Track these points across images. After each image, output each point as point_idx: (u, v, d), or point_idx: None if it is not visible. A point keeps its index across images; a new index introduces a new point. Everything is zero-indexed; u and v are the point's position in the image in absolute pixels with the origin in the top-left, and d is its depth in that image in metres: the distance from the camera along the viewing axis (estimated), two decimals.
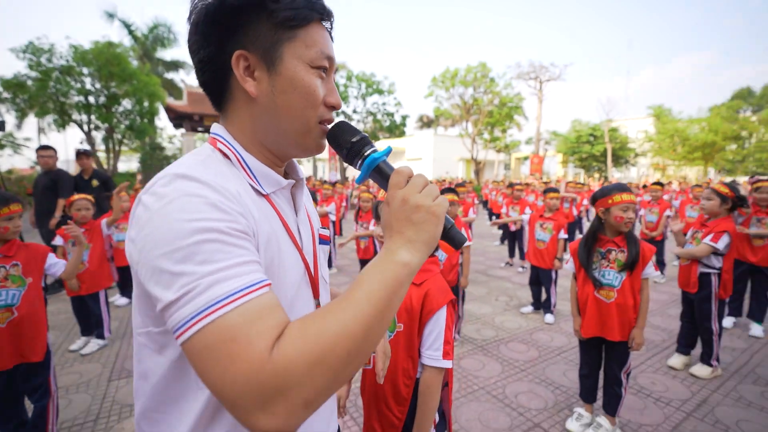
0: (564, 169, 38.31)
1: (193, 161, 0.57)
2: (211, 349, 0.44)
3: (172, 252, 0.47)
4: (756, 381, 2.97)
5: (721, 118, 29.83)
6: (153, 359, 0.59)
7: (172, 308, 0.46)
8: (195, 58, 0.62)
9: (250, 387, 0.42)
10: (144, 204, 0.52)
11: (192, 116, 22.91)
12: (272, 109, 0.60)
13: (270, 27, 0.58)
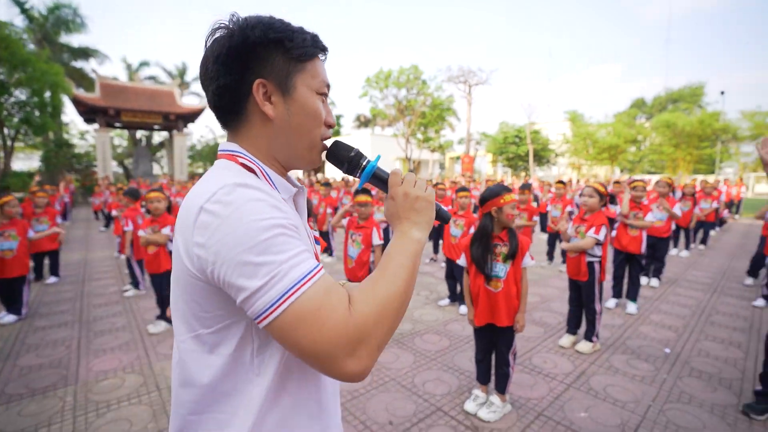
0: (494, 168, 40.86)
1: (235, 173, 0.65)
2: (303, 318, 0.55)
3: (252, 247, 0.55)
4: (624, 351, 3.46)
5: (622, 124, 33.78)
6: (203, 361, 0.65)
7: (259, 293, 0.55)
8: (213, 84, 0.69)
9: (341, 340, 0.56)
10: (211, 212, 0.58)
11: (106, 110, 20.74)
12: (286, 129, 0.71)
13: (285, 60, 0.69)
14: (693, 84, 35.53)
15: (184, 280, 0.63)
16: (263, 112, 0.69)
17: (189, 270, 0.61)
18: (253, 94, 0.68)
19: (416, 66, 21.66)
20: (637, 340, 3.70)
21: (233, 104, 0.70)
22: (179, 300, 0.66)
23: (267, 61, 0.68)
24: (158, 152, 31.48)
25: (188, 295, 0.64)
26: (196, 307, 0.64)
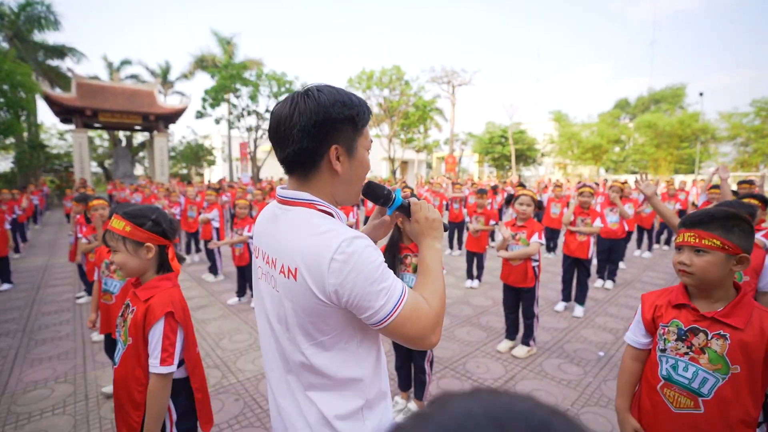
0: (480, 168, 41.13)
1: (335, 224, 0.89)
2: (408, 318, 0.85)
3: (374, 281, 0.82)
4: (559, 355, 3.52)
5: (606, 124, 34.26)
6: (325, 357, 0.90)
7: (381, 309, 0.83)
8: (294, 146, 0.87)
9: (429, 326, 0.88)
10: (340, 261, 0.81)
11: (83, 111, 20.39)
12: (348, 180, 0.94)
13: (352, 130, 0.90)
14: (675, 85, 36.17)
15: (312, 307, 0.86)
16: (333, 168, 0.91)
17: (321, 300, 0.84)
18: (328, 154, 0.89)
19: (398, 66, 21.66)
20: (575, 343, 3.76)
21: (310, 162, 0.90)
22: (302, 319, 0.88)
23: (341, 132, 0.89)
24: (139, 153, 31.02)
25: (315, 317, 0.87)
26: (320, 324, 0.88)
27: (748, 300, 1.25)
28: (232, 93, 19.34)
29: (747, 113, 26.38)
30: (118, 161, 24.19)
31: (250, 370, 3.34)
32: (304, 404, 0.93)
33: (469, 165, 45.81)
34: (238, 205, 5.00)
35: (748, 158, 27.55)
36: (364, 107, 0.92)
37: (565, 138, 34.63)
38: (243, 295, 5.11)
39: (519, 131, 36.04)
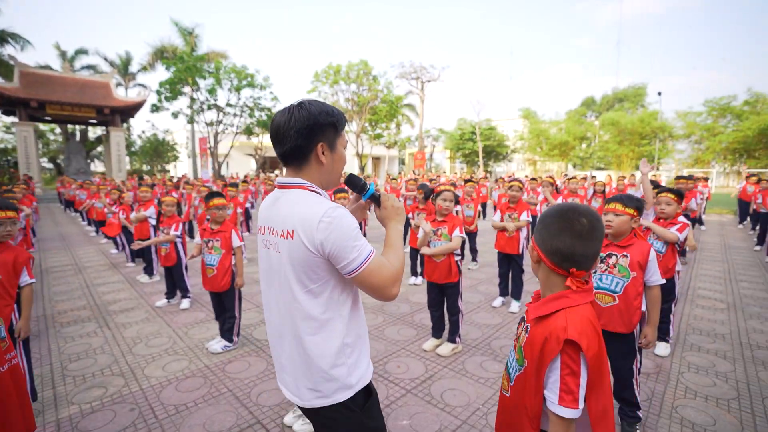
0: (452, 164, 41.51)
1: (322, 199, 1.19)
2: (374, 271, 1.14)
3: (350, 238, 1.11)
4: (484, 353, 3.47)
5: (573, 122, 35.18)
6: (314, 303, 1.17)
7: (353, 261, 1.12)
8: (291, 143, 1.16)
9: (392, 279, 1.18)
10: (326, 222, 1.10)
11: (28, 102, 19.12)
12: (330, 170, 1.24)
13: (333, 132, 1.21)
14: (636, 84, 37.50)
15: (305, 258, 1.12)
16: (320, 160, 1.20)
17: (312, 252, 1.11)
18: (315, 150, 1.18)
19: (365, 61, 21.43)
20: (504, 340, 3.73)
21: (302, 155, 1.18)
22: (297, 270, 1.15)
23: (325, 133, 1.18)
24: (96, 148, 29.50)
25: (307, 267, 1.13)
26: (310, 273, 1.14)
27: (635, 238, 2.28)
28: (190, 86, 18.54)
29: (700, 112, 27.69)
30: (70, 157, 22.89)
31: (157, 376, 3.12)
32: (298, 346, 1.20)
33: (442, 161, 46.16)
34: (165, 203, 4.71)
35: (702, 155, 28.94)
36: (342, 116, 1.24)
37: (533, 135, 35.39)
38: (172, 297, 4.84)
39: (489, 128, 36.53)
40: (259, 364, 3.30)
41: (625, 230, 2.28)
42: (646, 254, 2.22)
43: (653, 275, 2.23)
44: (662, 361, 3.28)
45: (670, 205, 3.30)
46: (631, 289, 2.23)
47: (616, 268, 2.28)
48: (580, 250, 1.06)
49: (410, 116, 32.07)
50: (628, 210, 2.25)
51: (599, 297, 2.32)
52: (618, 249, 2.31)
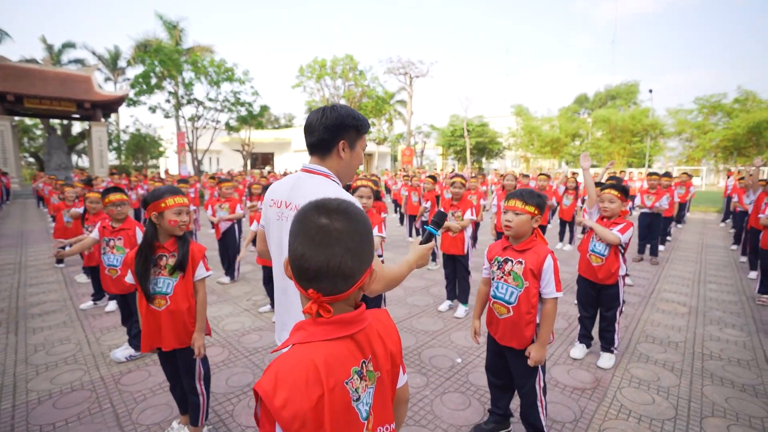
0: (444, 160, 41.19)
1: (342, 189, 1.37)
2: None
3: None
4: (411, 363, 3.17)
5: (565, 119, 34.89)
6: None
7: None
8: (319, 136, 1.36)
9: (377, 277, 1.03)
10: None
11: (4, 96, 18.64)
12: (347, 165, 1.43)
13: (356, 133, 1.42)
14: (629, 82, 37.22)
15: None
16: (340, 155, 1.39)
17: None
18: (338, 145, 1.38)
19: (351, 56, 21.01)
20: (438, 348, 3.43)
21: (326, 148, 1.38)
22: None
23: (348, 133, 1.39)
24: (80, 144, 29.00)
25: None
26: None
27: (535, 241, 2.00)
28: (168, 80, 18.09)
29: (691, 110, 27.47)
30: (51, 152, 22.38)
31: (39, 390, 2.80)
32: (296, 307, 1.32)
33: (434, 158, 45.82)
34: (89, 199, 4.37)
35: (692, 153, 28.74)
36: (366, 123, 1.43)
37: (526, 131, 35.08)
38: (99, 299, 4.51)
39: (481, 124, 36.19)
40: (159, 374, 2.99)
41: (525, 231, 1.99)
42: (541, 261, 1.92)
43: (547, 286, 1.92)
44: (603, 375, 2.98)
45: (614, 203, 3.00)
46: (524, 301, 1.95)
47: (511, 276, 2.00)
48: (311, 261, 0.74)
49: (402, 112, 31.73)
50: (528, 208, 1.95)
51: (496, 307, 2.07)
52: (515, 254, 2.02)
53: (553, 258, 1.94)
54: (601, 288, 3.08)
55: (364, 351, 0.80)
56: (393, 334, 0.91)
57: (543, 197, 1.99)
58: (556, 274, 1.92)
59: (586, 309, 3.23)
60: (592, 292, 3.16)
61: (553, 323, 1.95)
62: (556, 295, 1.92)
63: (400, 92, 31.43)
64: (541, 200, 1.97)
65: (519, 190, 2.02)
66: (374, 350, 0.83)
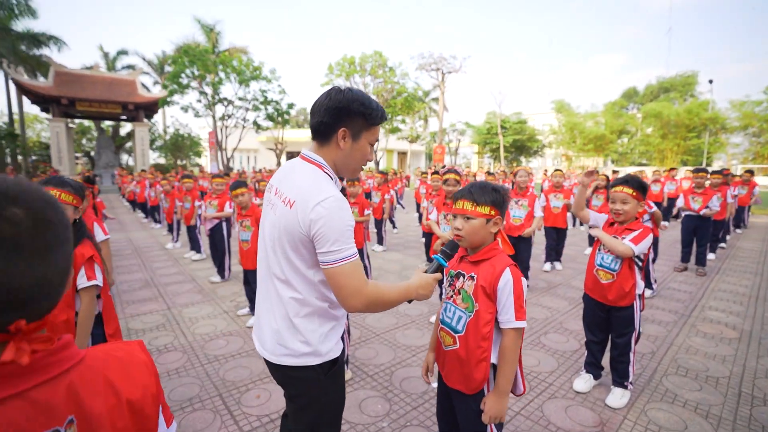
0: (480, 158, 39.87)
1: (332, 186, 1.22)
2: (348, 274, 1.12)
3: (339, 232, 1.13)
4: (374, 387, 2.72)
5: (611, 114, 32.55)
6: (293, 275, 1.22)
7: (331, 253, 1.12)
8: (319, 118, 1.22)
9: (356, 292, 1.12)
10: (324, 208, 1.12)
11: (59, 99, 20.10)
12: (347, 157, 1.27)
13: (362, 122, 1.23)
14: (685, 73, 34.10)
15: (294, 232, 1.16)
16: (338, 144, 1.24)
17: (301, 228, 1.14)
18: (338, 133, 1.22)
19: (380, 52, 20.62)
20: (417, 369, 2.96)
21: (326, 133, 1.24)
22: (287, 240, 1.19)
23: (352, 120, 1.22)
24: (126, 143, 30.81)
25: (295, 241, 1.17)
26: (298, 246, 1.18)
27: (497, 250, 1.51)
28: (197, 80, 18.63)
29: (760, 101, 24.57)
30: (100, 151, 23.98)
31: None
32: (278, 303, 1.25)
33: (469, 156, 44.55)
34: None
35: (762, 149, 25.74)
36: (378, 113, 1.26)
37: (567, 128, 33.10)
38: None
39: (519, 121, 34.65)
40: (236, 342, 2.78)
41: (481, 239, 1.49)
42: (496, 276, 1.41)
43: (504, 312, 1.40)
44: (611, 416, 2.38)
45: (627, 204, 2.38)
46: (472, 329, 1.44)
47: (460, 296, 1.50)
48: None
49: (437, 109, 30.98)
50: (480, 209, 1.45)
51: (442, 336, 1.57)
52: (468, 266, 1.52)
53: (514, 273, 1.42)
54: (611, 309, 2.47)
55: (57, 413, 0.53)
56: (138, 375, 0.64)
57: (500, 191, 1.48)
58: (517, 296, 1.40)
59: (593, 332, 2.63)
60: (600, 314, 2.54)
61: (514, 365, 1.42)
62: (517, 325, 1.39)
63: (435, 89, 30.73)
64: (498, 196, 1.46)
65: (468, 186, 1.52)
66: (83, 407, 0.56)
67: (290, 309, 1.22)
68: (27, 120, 29.09)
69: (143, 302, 4.37)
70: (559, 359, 3.05)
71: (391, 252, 6.97)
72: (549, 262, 5.72)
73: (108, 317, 1.93)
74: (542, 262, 5.89)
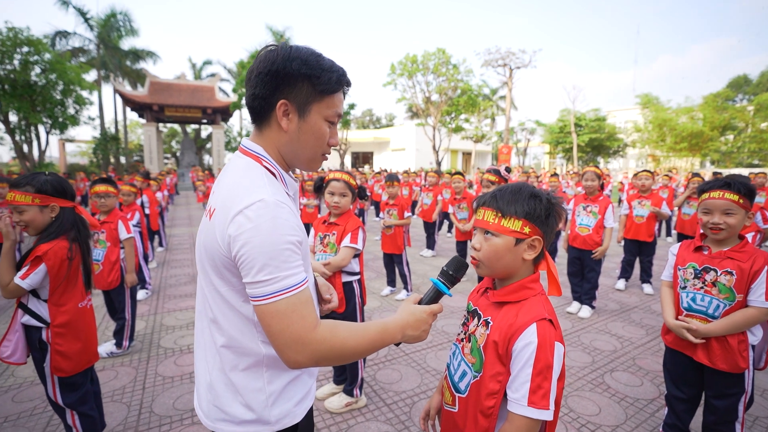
0: (551, 159, 37.10)
1: (265, 181, 0.87)
2: (284, 315, 0.79)
3: (268, 254, 0.80)
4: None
5: (711, 108, 28.25)
6: (223, 310, 0.90)
7: (260, 284, 0.79)
8: (251, 91, 0.89)
9: (297, 340, 0.79)
10: (248, 217, 0.80)
11: (151, 106, 22.49)
12: (295, 141, 0.92)
13: (309, 90, 0.88)
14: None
15: (214, 249, 0.85)
16: (279, 125, 0.91)
17: (219, 245, 0.83)
18: (275, 109, 0.89)
19: (443, 50, 19.96)
20: None
21: (261, 110, 0.91)
22: (208, 261, 0.88)
23: (294, 88, 0.88)
24: (207, 145, 33.64)
25: (216, 260, 0.85)
26: (220, 268, 0.86)
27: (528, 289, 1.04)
28: None
29: None
30: (183, 152, 26.41)
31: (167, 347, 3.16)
32: (211, 352, 0.93)
33: (540, 156, 41.77)
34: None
35: None
36: (333, 74, 0.90)
37: (655, 125, 29.36)
38: None
39: (597, 119, 31.56)
40: (124, 376, 2.75)
41: (507, 268, 1.04)
42: (514, 332, 0.95)
43: (516, 389, 0.93)
44: None
45: (732, 214, 1.68)
46: (474, 394, 1.01)
47: (469, 344, 1.07)
48: None
49: (505, 108, 29.45)
50: (507, 223, 1.00)
51: (444, 386, 1.17)
52: (487, 305, 1.08)
53: (543, 334, 0.93)
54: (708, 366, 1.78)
55: None
56: None
57: (544, 199, 1.01)
58: (539, 370, 0.90)
59: (678, 386, 1.93)
60: (690, 365, 1.87)
61: None
62: (529, 414, 0.90)
63: (502, 87, 29.21)
64: (538, 205, 0.99)
65: (495, 190, 1.06)
66: None
67: (225, 360, 0.90)
68: (130, 126, 33.22)
69: (182, 298, 4.43)
70: (627, 409, 2.40)
71: (441, 258, 6.49)
72: (623, 279, 4.84)
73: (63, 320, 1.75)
74: (615, 278, 5.02)
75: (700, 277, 1.76)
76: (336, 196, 2.33)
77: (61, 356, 1.70)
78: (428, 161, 31.45)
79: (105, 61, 22.99)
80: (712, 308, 1.72)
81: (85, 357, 1.81)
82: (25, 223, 1.66)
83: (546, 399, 0.90)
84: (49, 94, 12.97)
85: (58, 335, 1.70)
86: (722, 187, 1.73)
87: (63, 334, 1.71)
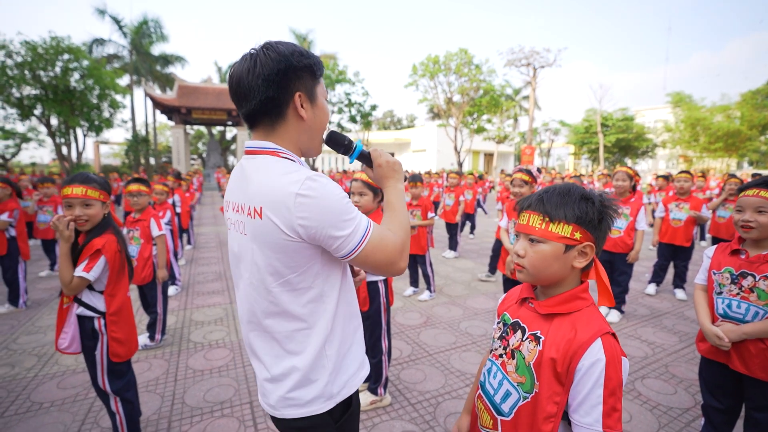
0: (576, 160, 36.19)
1: (298, 166, 0.94)
2: (377, 246, 0.93)
3: (341, 212, 0.89)
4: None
5: (750, 105, 26.90)
6: (290, 296, 0.94)
7: (350, 238, 0.89)
8: (259, 96, 0.90)
9: (398, 252, 0.96)
10: (306, 195, 0.86)
11: (179, 109, 23.23)
12: (312, 126, 1.00)
13: (311, 78, 0.97)
14: None
15: (279, 243, 0.89)
16: (299, 115, 0.96)
17: (288, 236, 0.88)
18: (293, 101, 0.94)
19: (465, 50, 19.79)
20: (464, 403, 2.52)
21: (276, 111, 0.94)
22: (269, 257, 0.91)
23: (302, 79, 0.94)
24: (232, 146, 34.49)
25: (282, 253, 0.90)
26: (286, 260, 0.91)
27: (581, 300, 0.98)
28: None
29: None
30: (209, 153, 27.17)
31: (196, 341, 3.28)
32: (272, 346, 0.99)
33: (564, 157, 40.80)
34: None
35: None
36: (318, 59, 0.99)
37: (687, 124, 28.19)
38: None
39: (624, 118, 30.56)
40: (157, 368, 2.87)
41: (555, 276, 0.96)
42: (576, 349, 0.87)
43: (586, 413, 0.86)
44: None
45: (766, 213, 1.65)
46: (526, 420, 0.93)
47: (514, 360, 0.98)
48: None
49: (528, 108, 28.97)
50: (555, 228, 0.92)
51: (479, 407, 1.06)
52: (533, 318, 0.99)
53: (610, 349, 0.86)
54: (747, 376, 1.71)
55: None
56: None
57: (596, 201, 0.93)
58: (611, 390, 0.84)
59: (715, 396, 1.85)
60: (728, 374, 1.77)
61: None
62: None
63: (526, 87, 28.74)
64: (590, 209, 0.91)
65: (541, 191, 0.98)
66: None
67: (286, 346, 0.97)
68: (159, 128, 34.45)
69: (210, 295, 4.57)
70: (660, 418, 2.33)
71: (463, 260, 6.44)
72: (654, 283, 4.68)
73: (117, 318, 1.87)
74: (644, 282, 4.86)
75: (736, 283, 1.69)
76: (356, 196, 2.37)
77: (117, 342, 1.84)
78: (449, 162, 31.24)
79: (137, 66, 23.94)
80: (750, 315, 1.65)
81: (134, 343, 1.96)
82: (88, 217, 1.78)
83: (620, 423, 0.84)
84: (87, 98, 13.69)
85: (113, 323, 1.84)
86: (759, 185, 1.67)
87: (117, 322, 1.85)
